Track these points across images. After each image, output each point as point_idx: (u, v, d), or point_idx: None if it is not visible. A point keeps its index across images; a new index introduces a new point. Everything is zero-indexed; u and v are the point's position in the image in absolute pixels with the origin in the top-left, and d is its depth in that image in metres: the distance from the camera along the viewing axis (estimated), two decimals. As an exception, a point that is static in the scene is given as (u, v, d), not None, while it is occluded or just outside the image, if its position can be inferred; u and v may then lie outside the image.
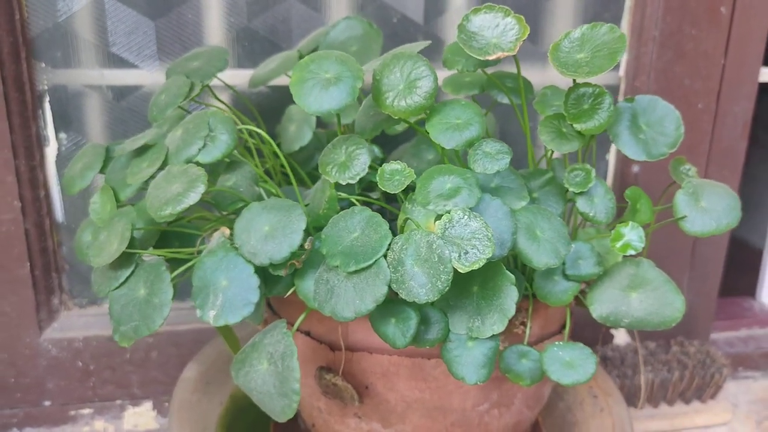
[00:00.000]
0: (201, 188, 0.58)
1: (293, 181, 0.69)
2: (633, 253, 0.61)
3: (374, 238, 0.53)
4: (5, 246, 0.90)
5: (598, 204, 0.63)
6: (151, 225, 0.66)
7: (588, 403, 0.85)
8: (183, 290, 0.96)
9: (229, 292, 0.56)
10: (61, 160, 0.92)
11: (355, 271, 0.53)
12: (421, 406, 0.69)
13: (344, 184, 0.57)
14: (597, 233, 0.71)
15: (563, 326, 0.74)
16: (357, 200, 0.61)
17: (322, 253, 0.58)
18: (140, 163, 0.66)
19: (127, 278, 0.61)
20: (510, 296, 0.56)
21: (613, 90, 1.04)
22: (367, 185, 0.74)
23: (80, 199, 0.94)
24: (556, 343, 0.62)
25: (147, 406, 1.02)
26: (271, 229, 0.56)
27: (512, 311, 0.57)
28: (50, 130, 0.91)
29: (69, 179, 0.73)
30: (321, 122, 0.91)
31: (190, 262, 0.64)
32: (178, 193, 0.58)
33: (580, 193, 0.63)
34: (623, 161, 1.05)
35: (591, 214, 0.63)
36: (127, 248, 0.59)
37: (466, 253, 0.50)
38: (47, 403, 0.98)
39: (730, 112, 1.05)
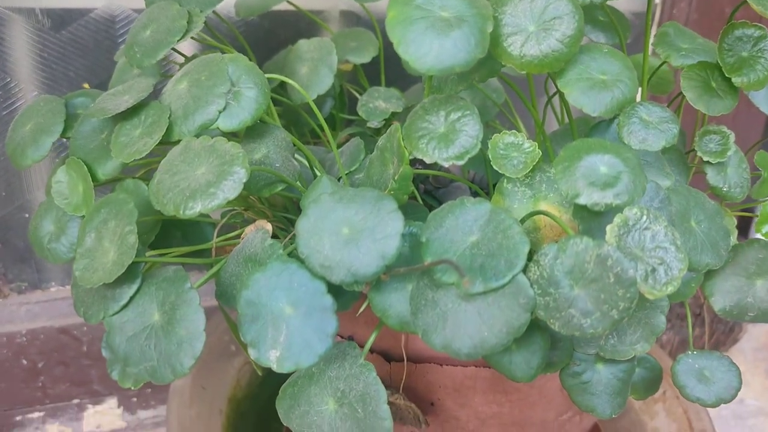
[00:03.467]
0: (241, 174, 0.41)
1: (332, 143, 0.52)
2: (784, 239, 0.49)
3: (505, 245, 0.38)
4: None
5: (731, 176, 0.50)
6: (149, 214, 0.48)
7: (643, 383, 0.75)
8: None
9: (295, 322, 0.40)
10: (-17, 110, 0.70)
11: (483, 292, 0.38)
12: (497, 421, 0.57)
13: (447, 165, 0.41)
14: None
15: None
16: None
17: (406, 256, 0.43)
18: (129, 130, 0.47)
19: (132, 297, 0.43)
20: (660, 308, 0.43)
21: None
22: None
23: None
24: (690, 352, 0.50)
25: (111, 403, 0.85)
26: (351, 232, 0.40)
27: (662, 327, 0.44)
28: (-34, 70, 0.68)
29: (16, 147, 0.53)
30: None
31: (215, 267, 0.47)
32: (209, 181, 0.41)
33: (710, 163, 0.50)
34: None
35: (724, 189, 0.50)
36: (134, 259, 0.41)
37: (654, 270, 0.36)
38: (-15, 410, 0.80)
39: None
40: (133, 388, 0.46)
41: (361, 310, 0.45)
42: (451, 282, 0.39)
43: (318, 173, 0.52)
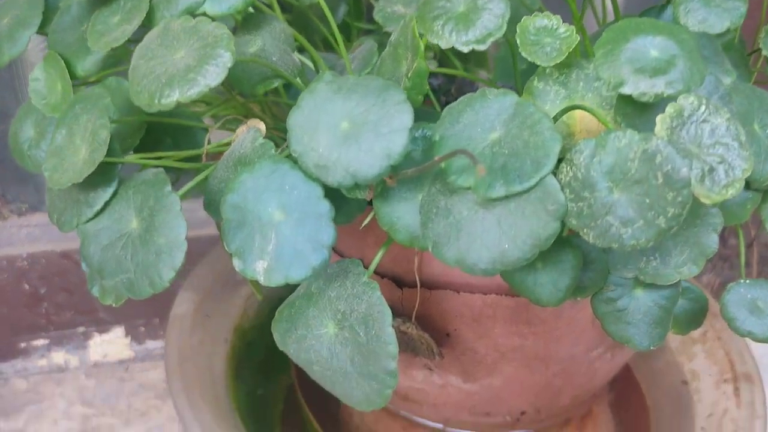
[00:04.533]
0: (226, 58, 0.35)
1: (342, 48, 0.46)
2: None
3: (533, 143, 0.32)
4: None
5: (799, 80, 0.43)
6: (132, 114, 0.43)
7: (680, 323, 0.69)
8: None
9: (286, 230, 0.34)
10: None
11: (505, 197, 0.32)
12: (520, 355, 0.52)
13: (466, 50, 0.35)
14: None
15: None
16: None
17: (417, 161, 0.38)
18: (107, 17, 0.42)
19: (108, 203, 0.39)
20: (712, 224, 0.37)
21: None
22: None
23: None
24: (741, 281, 0.44)
25: (118, 332, 0.82)
26: (352, 127, 0.34)
27: (714, 247, 0.38)
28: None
29: (-10, 42, 0.48)
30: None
31: (202, 174, 0.42)
32: (188, 66, 0.35)
33: (776, 64, 0.43)
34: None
35: (791, 95, 0.43)
36: (105, 157, 0.36)
37: (712, 170, 0.30)
38: (-12, 336, 0.77)
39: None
40: (114, 304, 0.42)
41: (366, 221, 0.40)
42: (467, 186, 0.33)
43: (322, 72, 0.46)
